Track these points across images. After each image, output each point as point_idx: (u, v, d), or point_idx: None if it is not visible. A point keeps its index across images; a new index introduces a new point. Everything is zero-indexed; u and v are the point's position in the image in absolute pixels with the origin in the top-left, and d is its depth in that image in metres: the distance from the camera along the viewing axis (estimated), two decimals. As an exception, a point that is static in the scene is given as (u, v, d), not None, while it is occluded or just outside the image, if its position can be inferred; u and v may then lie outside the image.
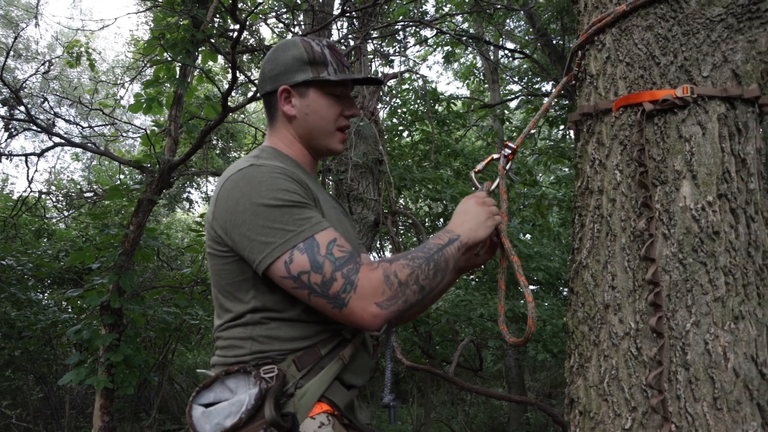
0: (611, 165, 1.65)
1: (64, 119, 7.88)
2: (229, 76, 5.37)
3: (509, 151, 1.92)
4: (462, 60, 14.91)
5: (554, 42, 9.37)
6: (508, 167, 1.92)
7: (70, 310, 7.72)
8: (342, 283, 1.53)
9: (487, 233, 1.83)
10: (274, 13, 6.80)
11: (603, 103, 1.70)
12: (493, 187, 1.94)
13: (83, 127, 8.53)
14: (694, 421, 1.42)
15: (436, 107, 8.28)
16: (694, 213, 1.52)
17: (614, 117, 1.67)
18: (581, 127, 1.80)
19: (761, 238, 1.55)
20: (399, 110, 8.59)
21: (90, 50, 8.56)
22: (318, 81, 1.78)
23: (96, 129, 9.91)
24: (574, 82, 1.89)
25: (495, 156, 1.98)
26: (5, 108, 7.24)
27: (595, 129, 1.73)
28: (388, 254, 9.69)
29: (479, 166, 1.98)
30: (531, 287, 8.77)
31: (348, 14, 6.75)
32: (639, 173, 1.57)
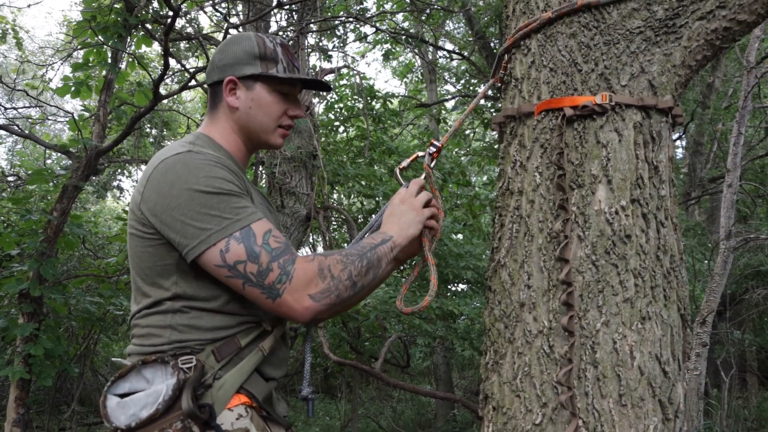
0: (531, 167, 1.69)
1: (-15, 99, 7.56)
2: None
3: (434, 149, 1.94)
4: (401, 58, 14.98)
5: (492, 45, 9.52)
6: (432, 165, 1.95)
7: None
8: (278, 274, 1.54)
9: (419, 229, 1.86)
10: (211, 2, 6.70)
11: (526, 106, 1.74)
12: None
13: (6, 108, 8.20)
14: (600, 416, 1.48)
15: (373, 104, 8.30)
16: (607, 216, 1.58)
17: (536, 120, 1.71)
18: (505, 129, 1.84)
19: (670, 243, 1.62)
20: (335, 105, 8.56)
21: (17, 28, 8.26)
22: (266, 76, 1.78)
23: (21, 111, 9.56)
24: (500, 84, 1.93)
25: (420, 153, 2.01)
26: None
27: (517, 131, 1.77)
28: (320, 249, 9.67)
29: (404, 163, 2.01)
30: (461, 286, 8.90)
31: (286, 6, 6.70)
32: (557, 176, 1.62)
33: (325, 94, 8.40)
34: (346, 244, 7.84)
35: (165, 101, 8.53)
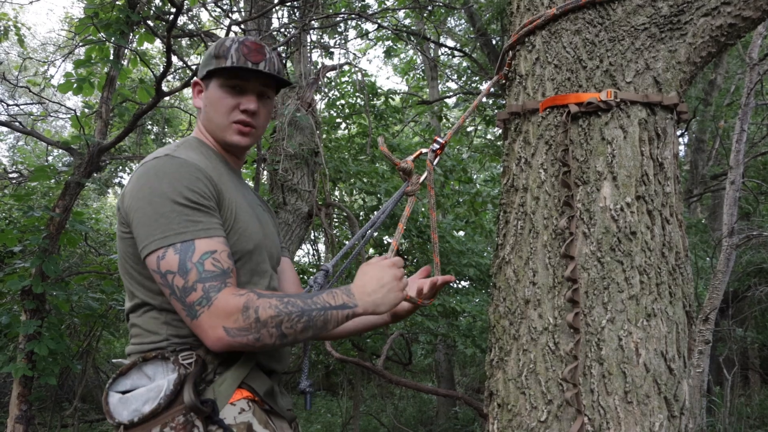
0: (536, 164, 1.69)
1: (-13, 96, 7.56)
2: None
3: (437, 146, 1.94)
4: (402, 55, 14.96)
5: (494, 42, 9.50)
6: (435, 162, 1.95)
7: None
8: (199, 296, 1.51)
9: (389, 310, 1.68)
10: (213, -1, 6.70)
11: (530, 102, 1.74)
12: (422, 180, 1.97)
13: (8, 105, 8.20)
14: (606, 413, 1.48)
15: (374, 101, 8.30)
16: (613, 213, 1.58)
17: (541, 117, 1.71)
18: (509, 125, 1.83)
19: (675, 240, 1.62)
20: (337, 102, 8.56)
21: (19, 24, 8.26)
22: (214, 71, 1.76)
23: (23, 108, 9.56)
24: (504, 81, 1.93)
25: (424, 150, 2.00)
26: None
27: (522, 128, 1.77)
28: (321, 246, 9.68)
29: (408, 159, 2.00)
30: (463, 283, 8.90)
31: (288, 3, 6.69)
32: (562, 173, 1.61)
33: (326, 90, 8.40)
34: (347, 241, 7.84)
35: (167, 98, 8.52)
